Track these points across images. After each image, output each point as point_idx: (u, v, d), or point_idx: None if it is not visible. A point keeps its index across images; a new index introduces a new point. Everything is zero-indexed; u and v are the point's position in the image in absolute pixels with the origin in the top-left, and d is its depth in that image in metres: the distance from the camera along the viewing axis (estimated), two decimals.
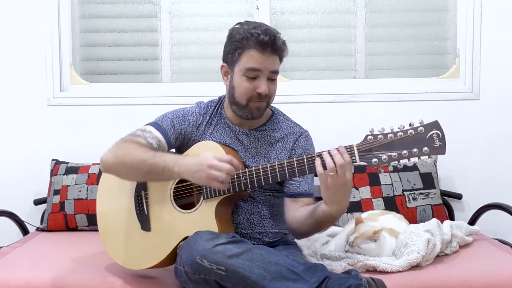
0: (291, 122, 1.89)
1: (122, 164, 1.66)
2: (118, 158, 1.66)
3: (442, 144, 1.46)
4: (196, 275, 1.51)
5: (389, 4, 2.69)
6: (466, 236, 2.06)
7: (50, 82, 2.63)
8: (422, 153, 1.45)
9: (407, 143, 1.47)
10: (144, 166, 1.61)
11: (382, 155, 1.48)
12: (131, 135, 1.74)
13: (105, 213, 1.83)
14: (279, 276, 1.48)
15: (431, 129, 1.47)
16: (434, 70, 2.69)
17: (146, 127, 1.77)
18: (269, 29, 1.70)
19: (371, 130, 1.51)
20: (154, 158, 1.61)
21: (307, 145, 1.85)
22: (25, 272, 1.78)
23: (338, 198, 1.53)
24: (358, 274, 1.55)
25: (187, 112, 1.83)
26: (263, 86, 1.70)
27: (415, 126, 1.47)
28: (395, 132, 1.48)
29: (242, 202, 1.78)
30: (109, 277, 1.75)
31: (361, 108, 2.59)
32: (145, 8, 2.72)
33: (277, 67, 1.73)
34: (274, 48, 1.69)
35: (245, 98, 1.72)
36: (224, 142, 1.80)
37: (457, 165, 2.57)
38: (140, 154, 1.63)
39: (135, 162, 1.63)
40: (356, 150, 1.51)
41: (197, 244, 1.51)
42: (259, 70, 1.69)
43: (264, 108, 1.76)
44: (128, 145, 1.68)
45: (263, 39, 1.66)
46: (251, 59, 1.69)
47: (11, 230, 2.50)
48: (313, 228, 1.69)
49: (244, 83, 1.71)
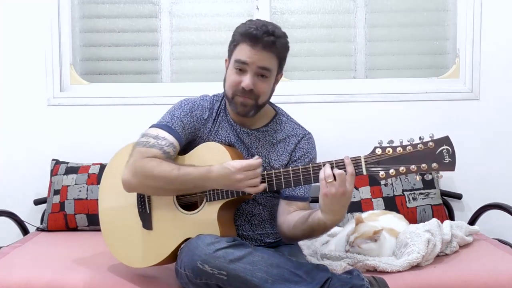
0: (294, 124, 1.87)
1: (147, 186, 1.65)
2: (142, 180, 1.63)
3: (452, 161, 1.44)
4: (197, 280, 1.51)
5: (389, 4, 2.69)
6: (466, 236, 2.06)
7: (50, 82, 2.63)
8: (431, 169, 1.43)
9: (416, 158, 1.44)
10: (172, 186, 1.62)
11: (390, 169, 1.46)
12: (145, 145, 1.68)
13: (107, 211, 1.83)
14: (281, 279, 1.48)
15: (442, 144, 1.44)
16: (434, 70, 2.69)
17: (158, 132, 1.71)
18: (265, 26, 1.68)
19: (379, 142, 1.48)
20: (180, 178, 1.60)
21: (309, 148, 1.82)
22: (25, 272, 1.78)
23: (335, 208, 1.51)
24: (360, 274, 1.55)
25: (193, 106, 1.80)
26: (247, 80, 1.67)
27: (425, 141, 1.45)
28: (404, 146, 1.46)
29: (243, 204, 1.77)
30: (110, 277, 1.75)
31: (361, 108, 2.59)
32: (145, 8, 2.72)
33: (267, 64, 1.69)
34: (264, 43, 1.65)
35: (231, 92, 1.72)
36: (230, 140, 1.78)
37: (457, 165, 2.53)
38: (163, 174, 1.61)
39: (161, 183, 1.62)
40: (364, 162, 1.49)
41: (198, 248, 1.51)
42: (246, 63, 1.67)
43: (251, 106, 1.72)
44: (148, 165, 1.62)
45: (253, 32, 1.65)
46: (241, 51, 1.68)
47: (11, 230, 2.50)
48: (305, 234, 1.67)
49: (232, 75, 1.71)
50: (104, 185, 1.86)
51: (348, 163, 1.48)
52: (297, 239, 1.75)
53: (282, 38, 1.71)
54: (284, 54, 1.75)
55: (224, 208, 1.65)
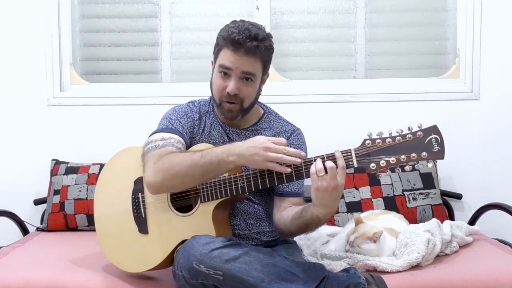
0: (282, 121, 1.87)
1: (174, 177, 1.59)
2: (166, 173, 1.59)
3: (440, 149, 1.45)
4: (194, 280, 1.51)
5: (389, 4, 2.69)
6: (466, 236, 2.06)
7: (50, 82, 2.63)
8: (420, 158, 1.44)
9: (405, 148, 1.46)
10: (198, 168, 1.57)
11: (380, 160, 1.46)
12: (156, 148, 1.66)
13: (102, 217, 1.83)
14: (278, 278, 1.48)
15: (430, 133, 1.46)
16: (434, 70, 2.69)
17: (162, 135, 1.71)
18: (248, 29, 1.66)
19: (369, 134, 1.50)
20: (205, 157, 1.56)
21: (299, 144, 1.83)
22: (25, 272, 1.78)
23: (327, 202, 1.50)
24: (357, 272, 1.55)
25: (186, 110, 1.82)
26: (231, 85, 1.68)
27: (413, 131, 1.46)
28: (393, 137, 1.47)
29: (238, 203, 1.77)
30: (109, 277, 1.75)
31: (361, 108, 2.59)
32: (145, 8, 2.72)
33: (250, 68, 1.69)
34: (246, 49, 1.65)
35: (218, 97, 1.73)
36: (223, 140, 1.79)
37: (457, 165, 2.58)
38: (187, 159, 1.58)
39: (187, 168, 1.57)
40: (354, 155, 1.49)
41: (193, 249, 1.51)
42: (230, 69, 1.68)
43: (237, 111, 1.73)
44: (168, 158, 1.60)
45: (235, 37, 1.65)
46: (224, 56, 1.69)
47: (11, 230, 2.50)
48: (300, 229, 1.66)
49: (218, 79, 1.72)
50: (99, 193, 1.86)
51: (339, 156, 1.48)
52: (293, 234, 1.74)
53: (265, 41, 1.69)
54: (269, 56, 1.74)
55: (219, 208, 1.65)
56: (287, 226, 1.67)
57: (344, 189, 2.34)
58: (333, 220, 2.36)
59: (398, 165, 1.46)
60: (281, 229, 1.72)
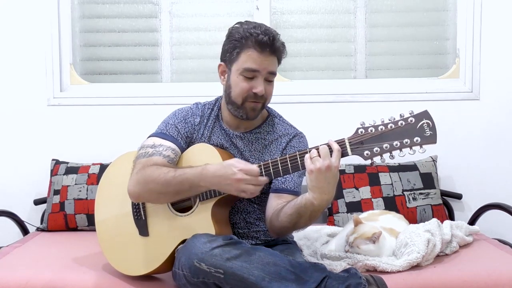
0: (286, 124, 1.87)
1: (150, 191, 1.64)
2: (142, 187, 1.64)
3: (433, 133, 1.46)
4: (195, 279, 1.51)
5: (389, 4, 2.69)
6: (466, 236, 2.06)
7: (50, 82, 2.63)
8: (413, 143, 1.46)
9: (398, 134, 1.47)
10: (170, 188, 1.61)
11: (374, 147, 1.48)
12: (145, 156, 1.69)
13: (103, 222, 1.83)
14: (278, 277, 1.48)
15: (422, 119, 1.48)
16: (434, 70, 2.69)
17: (154, 140, 1.73)
18: (268, 30, 1.69)
19: (361, 123, 1.51)
20: (176, 178, 1.59)
21: (300, 147, 1.81)
22: (25, 272, 1.78)
23: (321, 185, 1.49)
24: (358, 272, 1.55)
25: (187, 114, 1.82)
26: (260, 86, 1.68)
27: (405, 117, 1.48)
28: (385, 124, 1.49)
29: (237, 202, 1.77)
30: (109, 277, 1.75)
31: (361, 108, 2.59)
32: (145, 8, 2.72)
33: (275, 68, 1.72)
34: (273, 48, 1.68)
35: (241, 98, 1.71)
36: (221, 145, 1.79)
37: (457, 165, 2.58)
38: (161, 177, 1.60)
39: (160, 186, 1.61)
40: (348, 143, 1.50)
41: (194, 247, 1.51)
42: (257, 71, 1.68)
43: (259, 109, 1.75)
44: (147, 171, 1.63)
45: (262, 39, 1.65)
46: (249, 59, 1.67)
47: (11, 230, 2.50)
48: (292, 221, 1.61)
49: (241, 82, 1.70)
50: (100, 197, 1.86)
51: (332, 142, 1.50)
52: (285, 229, 1.67)
53: (280, 40, 1.72)
54: (283, 55, 1.76)
55: (218, 206, 1.65)
56: (280, 219, 1.63)
57: (344, 189, 2.37)
58: (333, 220, 2.36)
59: (392, 151, 1.47)
60: (274, 225, 1.67)
